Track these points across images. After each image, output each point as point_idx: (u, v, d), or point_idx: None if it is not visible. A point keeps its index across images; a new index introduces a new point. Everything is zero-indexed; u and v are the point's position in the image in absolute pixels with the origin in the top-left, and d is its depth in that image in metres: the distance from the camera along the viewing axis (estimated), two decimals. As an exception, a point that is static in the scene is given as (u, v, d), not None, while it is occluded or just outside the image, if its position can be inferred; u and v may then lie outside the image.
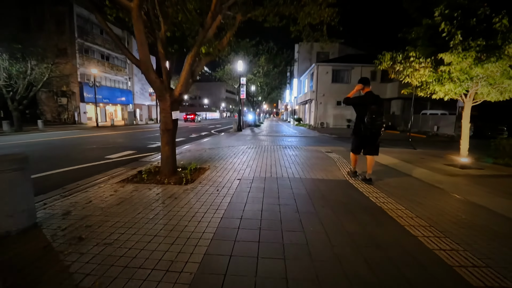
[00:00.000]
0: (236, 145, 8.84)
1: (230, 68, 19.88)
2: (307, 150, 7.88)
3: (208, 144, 9.27)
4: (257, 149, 7.94)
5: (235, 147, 8.38)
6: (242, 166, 5.29)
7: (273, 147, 8.52)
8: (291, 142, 10.39)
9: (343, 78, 23.81)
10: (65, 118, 28.73)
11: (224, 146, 8.52)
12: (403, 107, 23.05)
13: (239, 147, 8.38)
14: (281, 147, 8.54)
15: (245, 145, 8.86)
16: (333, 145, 9.77)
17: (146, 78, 4.10)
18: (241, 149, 7.76)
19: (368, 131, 3.86)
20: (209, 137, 12.42)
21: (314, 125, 23.83)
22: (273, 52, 19.96)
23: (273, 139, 11.45)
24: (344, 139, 12.53)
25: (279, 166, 5.38)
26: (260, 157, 6.36)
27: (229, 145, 9.00)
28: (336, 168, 5.29)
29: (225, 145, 8.99)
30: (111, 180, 4.13)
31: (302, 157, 6.54)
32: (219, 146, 8.68)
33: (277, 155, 6.71)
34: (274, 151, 7.43)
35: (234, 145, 9.01)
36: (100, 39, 31.12)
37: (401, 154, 7.40)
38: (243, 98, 18.56)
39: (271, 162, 5.73)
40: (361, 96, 4.23)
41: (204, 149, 7.83)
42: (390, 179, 4.48)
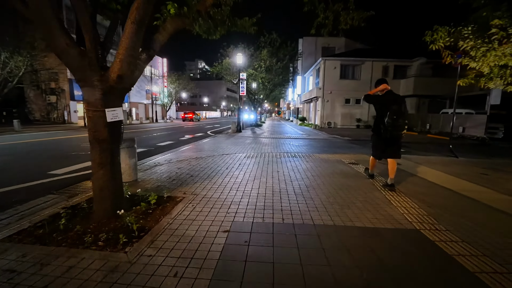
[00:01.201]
0: (232, 153, 7.03)
1: (229, 62, 18.05)
2: (323, 160, 6.04)
3: (198, 150, 7.47)
4: (258, 158, 6.12)
5: (230, 155, 6.56)
6: (235, 195, 3.47)
7: (279, 155, 6.69)
8: (300, 148, 8.56)
9: (352, 74, 21.90)
10: (55, 117, 27.08)
11: (217, 154, 6.71)
12: (418, 105, 21.13)
13: (236, 155, 6.57)
14: (289, 155, 6.71)
15: (243, 153, 7.04)
16: (352, 151, 7.94)
17: (49, 47, 2.31)
18: (237, 160, 5.94)
19: (388, 133, 3.60)
20: (203, 139, 10.63)
21: (320, 125, 21.96)
22: (276, 44, 18.06)
23: (277, 143, 9.62)
24: (361, 142, 10.67)
25: (292, 193, 3.54)
26: (263, 175, 4.54)
27: (223, 152, 7.19)
28: (381, 197, 3.45)
29: (219, 151, 7.18)
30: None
31: (321, 174, 4.71)
32: (210, 153, 6.87)
33: (286, 171, 4.88)
34: (281, 163, 5.61)
35: (230, 152, 7.19)
36: (92, 33, 29.36)
37: (448, 166, 5.57)
38: (243, 95, 16.73)
39: (280, 186, 3.90)
40: (382, 95, 3.91)
41: (189, 158, 6.02)
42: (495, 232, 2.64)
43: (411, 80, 20.18)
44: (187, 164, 5.30)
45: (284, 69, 19.57)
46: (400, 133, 3.60)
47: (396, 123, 3.48)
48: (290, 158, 6.21)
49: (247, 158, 6.19)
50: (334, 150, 8.07)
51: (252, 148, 8.14)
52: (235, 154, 6.81)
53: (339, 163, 5.71)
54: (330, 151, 7.93)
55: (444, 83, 19.75)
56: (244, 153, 7.03)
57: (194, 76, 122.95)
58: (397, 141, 3.75)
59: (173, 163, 5.41)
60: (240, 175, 4.43)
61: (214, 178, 4.26)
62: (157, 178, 4.21)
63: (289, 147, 8.49)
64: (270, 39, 17.81)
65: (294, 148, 8.39)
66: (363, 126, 21.70)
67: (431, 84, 19.87)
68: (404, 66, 21.76)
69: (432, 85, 19.84)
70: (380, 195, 3.53)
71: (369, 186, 3.96)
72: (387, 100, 3.73)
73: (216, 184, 3.88)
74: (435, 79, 20.03)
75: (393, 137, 3.66)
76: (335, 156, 6.67)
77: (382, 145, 3.87)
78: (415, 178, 4.51)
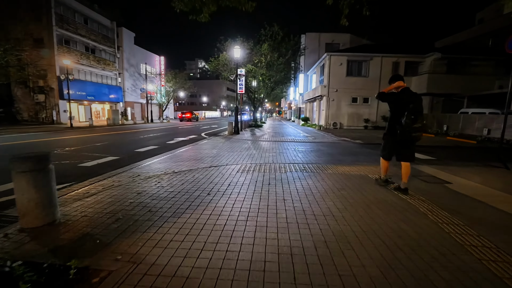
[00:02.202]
0: (223, 164, 5.48)
1: (226, 57, 16.49)
2: (345, 177, 4.49)
3: (180, 159, 5.92)
4: (256, 174, 4.57)
5: (219, 168, 5.01)
6: (211, 261, 1.92)
7: (284, 168, 5.13)
8: (308, 155, 7.00)
9: (359, 71, 20.30)
10: (43, 117, 25.62)
11: (202, 167, 5.16)
12: (431, 105, 19.53)
13: (227, 168, 5.01)
14: (297, 168, 5.15)
15: (237, 163, 5.49)
16: (372, 159, 6.37)
17: None
18: (227, 176, 4.40)
19: (406, 135, 3.31)
20: (193, 143, 9.08)
21: (325, 126, 20.39)
22: (278, 38, 16.46)
23: (280, 148, 8.07)
24: (377, 147, 9.08)
25: (313, 256, 1.99)
26: (262, 208, 2.98)
27: (212, 162, 5.64)
28: (473, 261, 1.88)
29: (206, 162, 5.63)
30: None
31: (351, 205, 3.14)
32: (194, 165, 5.32)
33: (297, 198, 3.33)
34: (287, 183, 4.05)
35: (220, 162, 5.64)
36: (84, 29, 27.94)
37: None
38: (242, 93, 15.19)
39: (290, 238, 2.34)
40: (397, 93, 3.55)
41: (162, 173, 4.48)
42: None
43: (424, 77, 18.58)
44: (154, 185, 3.75)
45: (286, 65, 17.96)
46: (419, 135, 3.32)
47: (415, 124, 3.23)
48: (299, 173, 4.66)
49: (241, 172, 4.64)
50: (351, 159, 6.50)
51: (249, 156, 6.58)
52: (226, 166, 5.26)
53: (368, 182, 4.15)
54: (347, 160, 6.38)
55: (461, 80, 18.18)
56: (238, 164, 5.48)
57: (194, 75, 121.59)
58: (413, 143, 3.47)
59: (134, 183, 3.85)
60: (226, 210, 2.87)
61: (183, 216, 2.69)
62: (93, 215, 2.66)
63: (295, 155, 6.94)
64: (271, 32, 16.21)
65: (301, 155, 6.83)
66: (371, 127, 20.12)
67: (446, 82, 18.27)
68: (415, 62, 20.15)
69: (447, 83, 18.25)
70: (470, 258, 1.96)
71: (430, 227, 2.39)
72: (403, 98, 3.44)
73: (182, 233, 2.32)
74: (450, 76, 18.43)
75: (411, 139, 3.36)
76: (357, 169, 5.11)
77: (395, 147, 3.60)
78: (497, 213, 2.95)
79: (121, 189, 3.56)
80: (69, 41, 26.42)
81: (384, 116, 19.24)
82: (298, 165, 5.44)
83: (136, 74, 36.40)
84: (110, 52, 32.40)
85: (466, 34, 27.37)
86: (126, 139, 11.23)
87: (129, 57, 35.67)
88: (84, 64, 27.97)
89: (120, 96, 33.65)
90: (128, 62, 35.45)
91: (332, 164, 5.65)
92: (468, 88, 17.58)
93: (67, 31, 25.71)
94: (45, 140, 10.38)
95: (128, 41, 35.80)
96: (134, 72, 35.86)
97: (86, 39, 28.27)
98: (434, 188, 3.88)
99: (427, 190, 3.73)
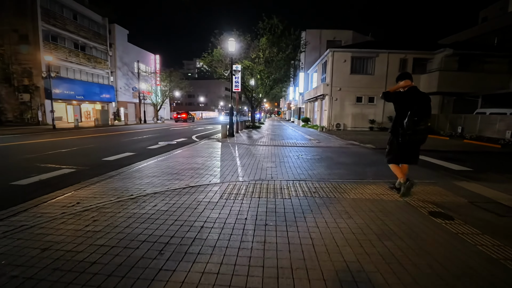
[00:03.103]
0: (205, 182, 4.08)
1: (221, 52, 15.09)
2: (376, 205, 3.11)
3: (151, 174, 4.52)
4: (249, 201, 3.18)
5: (197, 190, 3.61)
6: None
7: (289, 190, 3.74)
8: (317, 166, 5.62)
9: (365, 68, 18.94)
10: (29, 117, 24.15)
11: (173, 188, 3.76)
12: (441, 104, 18.19)
13: (207, 190, 3.62)
14: (307, 188, 3.77)
15: (223, 181, 4.10)
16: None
17: None
18: (202, 209, 3.00)
19: (407, 137, 3.10)
20: (178, 149, 7.68)
21: (327, 127, 19.03)
22: (278, 31, 15.06)
23: (281, 156, 6.69)
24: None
25: None
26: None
27: (190, 179, 4.23)
28: None
29: (183, 178, 4.23)
30: None
31: (416, 276, 1.77)
32: (164, 184, 3.93)
33: (315, 265, 1.95)
34: (296, 221, 2.67)
35: (202, 179, 4.24)
36: (73, 25, 26.51)
37: None
38: (238, 91, 13.81)
39: None
40: (403, 92, 3.30)
41: (107, 203, 3.09)
42: None
43: (435, 75, 17.25)
44: (78, 231, 2.36)
45: (286, 61, 16.54)
46: (422, 137, 3.11)
47: (417, 126, 2.99)
48: (309, 200, 3.27)
49: (226, 199, 3.25)
50: (371, 172, 5.12)
51: (241, 167, 5.20)
52: (208, 186, 3.87)
53: (417, 214, 2.77)
54: (366, 172, 4.99)
55: (473, 78, 16.87)
56: (226, 181, 4.10)
57: (192, 75, 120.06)
58: (417, 146, 3.26)
59: (46, 228, 2.46)
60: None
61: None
62: None
63: (300, 165, 5.56)
64: (270, 25, 14.82)
65: (307, 166, 5.45)
66: (377, 128, 18.78)
67: (458, 80, 16.95)
68: (424, 59, 18.84)
69: (459, 81, 16.93)
70: None
71: None
72: (410, 98, 3.16)
73: None
74: (462, 73, 17.12)
75: (413, 142, 3.14)
76: (387, 190, 3.74)
77: (400, 149, 3.29)
78: None
79: (36, 230, 2.17)
80: (57, 37, 24.98)
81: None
82: (307, 183, 4.06)
83: (129, 73, 34.99)
84: (102, 50, 30.97)
85: (469, 33, 26.46)
86: (103, 143, 9.82)
87: (122, 55, 34.23)
88: (73, 62, 26.53)
89: (113, 96, 32.21)
90: (121, 60, 34.00)
91: (351, 181, 4.27)
92: (481, 86, 16.28)
93: (54, 26, 24.27)
94: (9, 144, 8.96)
95: (121, 38, 34.37)
96: (127, 71, 34.42)
97: (75, 35, 26.83)
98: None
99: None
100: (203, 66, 48.29)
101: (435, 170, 5.29)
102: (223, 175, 4.53)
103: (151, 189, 3.61)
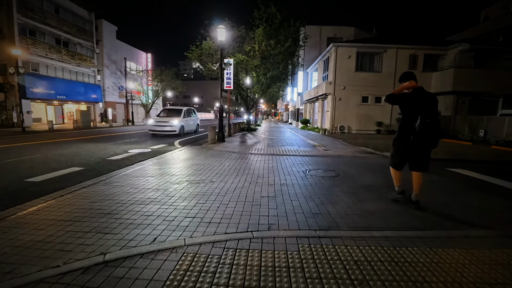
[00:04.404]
0: (147, 239, 2.25)
1: (211, 45, 13.25)
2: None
3: (62, 215, 2.69)
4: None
5: (117, 271, 1.79)
6: None
7: (312, 262, 1.91)
8: (339, 193, 3.80)
9: (371, 65, 17.24)
10: (3, 119, 22.04)
11: (99, 244, 1.91)
12: (455, 105, 16.50)
13: (139, 271, 1.79)
14: (346, 259, 1.96)
15: (187, 229, 2.27)
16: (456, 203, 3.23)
17: None
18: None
19: (420, 142, 2.91)
20: (146, 160, 5.82)
21: (330, 130, 17.26)
22: (276, 22, 13.27)
23: (281, 172, 4.87)
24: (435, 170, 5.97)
25: None
26: None
27: (134, 224, 2.40)
28: None
29: (127, 219, 2.40)
30: None
31: None
32: (55, 257, 2.09)
33: None
34: None
35: (149, 229, 2.40)
36: (54, 19, 24.49)
37: None
38: (230, 88, 11.97)
39: None
40: (409, 94, 3.11)
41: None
42: None
43: (449, 73, 15.58)
44: None
45: (285, 57, 14.71)
46: (436, 141, 2.94)
47: (431, 129, 2.82)
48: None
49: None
50: (425, 206, 3.32)
51: (222, 197, 3.37)
52: (140, 260, 2.03)
53: None
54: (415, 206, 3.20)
55: (491, 76, 15.24)
56: (182, 245, 2.27)
57: (188, 76, 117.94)
58: (428, 150, 3.04)
59: None
60: None
61: None
62: None
63: (312, 192, 3.73)
64: (267, 14, 13.03)
65: (323, 194, 3.63)
66: (385, 131, 17.07)
67: (474, 78, 15.31)
68: (435, 56, 17.20)
69: (476, 79, 15.29)
70: None
71: None
72: (416, 99, 3.01)
73: None
74: (479, 71, 15.49)
75: (425, 145, 2.97)
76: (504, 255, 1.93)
77: (408, 154, 3.10)
78: None
79: None
80: (35, 31, 22.96)
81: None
82: (334, 242, 2.24)
83: (118, 71, 32.97)
84: (88, 47, 29.00)
85: (472, 32, 25.24)
86: (58, 151, 7.90)
87: (110, 52, 32.25)
88: (54, 59, 24.50)
89: (100, 96, 30.22)
90: (109, 58, 32.01)
91: (416, 239, 2.45)
92: (501, 85, 14.64)
93: (32, 20, 22.24)
94: None
95: (108, 35, 32.40)
96: (115, 70, 32.37)
97: (57, 30, 24.82)
98: None
99: None
100: (199, 67, 46.01)
101: (499, 197, 3.49)
102: (189, 213, 2.69)
103: (36, 266, 1.76)
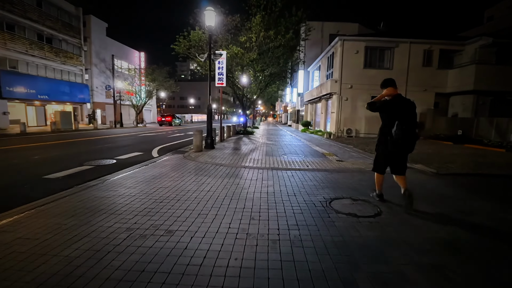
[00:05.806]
0: None
1: (201, 36, 11.50)
2: None
3: None
4: None
5: None
6: None
7: None
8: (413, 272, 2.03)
9: (381, 61, 15.53)
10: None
11: None
12: (475, 106, 14.82)
13: None
14: None
15: None
16: None
17: None
18: None
19: (396, 146, 3.04)
20: (97, 180, 4.07)
21: (336, 133, 15.52)
22: (275, 10, 11.55)
23: (289, 203, 3.12)
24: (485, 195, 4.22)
25: None
26: None
27: None
28: None
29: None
30: None
31: None
32: None
33: None
34: None
35: None
36: (36, 12, 22.63)
37: None
38: (222, 85, 10.19)
39: None
40: (389, 101, 3.23)
41: None
42: None
43: (469, 70, 13.92)
44: None
45: (285, 50, 12.96)
46: (411, 146, 3.06)
47: (407, 134, 2.96)
48: None
49: None
50: None
51: (184, 274, 1.59)
52: None
53: None
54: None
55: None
56: None
57: (185, 77, 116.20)
58: (405, 155, 3.19)
59: None
60: None
61: None
62: None
63: (346, 260, 1.96)
64: (266, 1, 11.32)
65: (365, 265, 1.86)
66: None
67: (498, 76, 13.67)
68: (452, 51, 15.55)
69: (500, 77, 13.65)
70: None
71: None
72: (396, 107, 3.12)
73: None
74: (504, 68, 13.84)
75: (401, 151, 3.11)
76: None
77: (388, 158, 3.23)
78: None
79: None
80: (14, 26, 21.08)
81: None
82: None
83: (108, 70, 31.14)
84: (74, 44, 27.16)
85: (475, 31, 23.79)
86: (15, 161, 6.08)
87: (99, 50, 30.44)
88: (35, 56, 22.62)
89: (87, 96, 28.36)
90: (97, 56, 30.20)
91: None
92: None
93: (10, 13, 20.39)
94: None
95: (98, 31, 30.58)
96: (105, 68, 30.52)
97: (40, 25, 22.97)
98: None
99: None
100: (197, 68, 44.48)
101: None
102: None
103: None
